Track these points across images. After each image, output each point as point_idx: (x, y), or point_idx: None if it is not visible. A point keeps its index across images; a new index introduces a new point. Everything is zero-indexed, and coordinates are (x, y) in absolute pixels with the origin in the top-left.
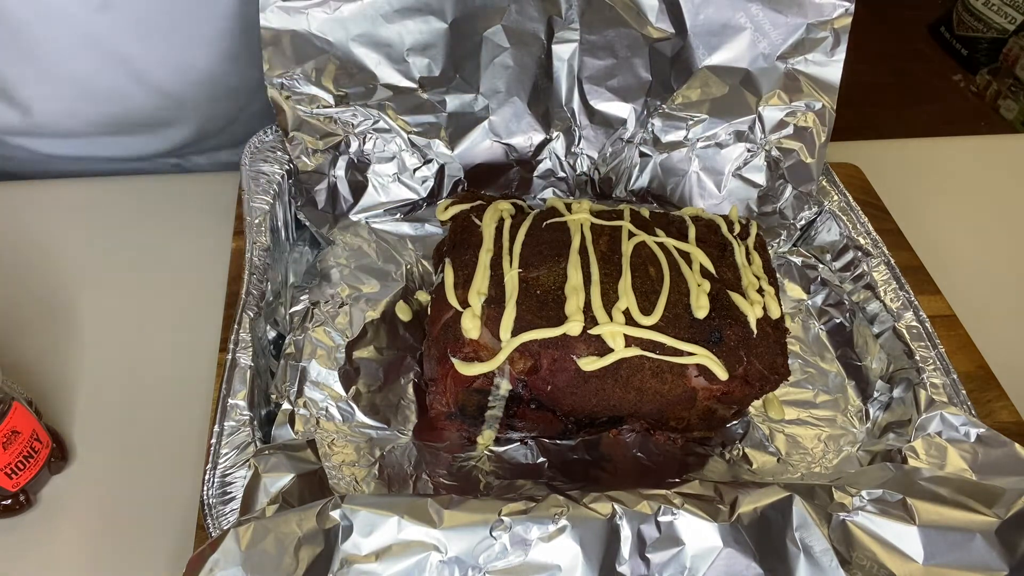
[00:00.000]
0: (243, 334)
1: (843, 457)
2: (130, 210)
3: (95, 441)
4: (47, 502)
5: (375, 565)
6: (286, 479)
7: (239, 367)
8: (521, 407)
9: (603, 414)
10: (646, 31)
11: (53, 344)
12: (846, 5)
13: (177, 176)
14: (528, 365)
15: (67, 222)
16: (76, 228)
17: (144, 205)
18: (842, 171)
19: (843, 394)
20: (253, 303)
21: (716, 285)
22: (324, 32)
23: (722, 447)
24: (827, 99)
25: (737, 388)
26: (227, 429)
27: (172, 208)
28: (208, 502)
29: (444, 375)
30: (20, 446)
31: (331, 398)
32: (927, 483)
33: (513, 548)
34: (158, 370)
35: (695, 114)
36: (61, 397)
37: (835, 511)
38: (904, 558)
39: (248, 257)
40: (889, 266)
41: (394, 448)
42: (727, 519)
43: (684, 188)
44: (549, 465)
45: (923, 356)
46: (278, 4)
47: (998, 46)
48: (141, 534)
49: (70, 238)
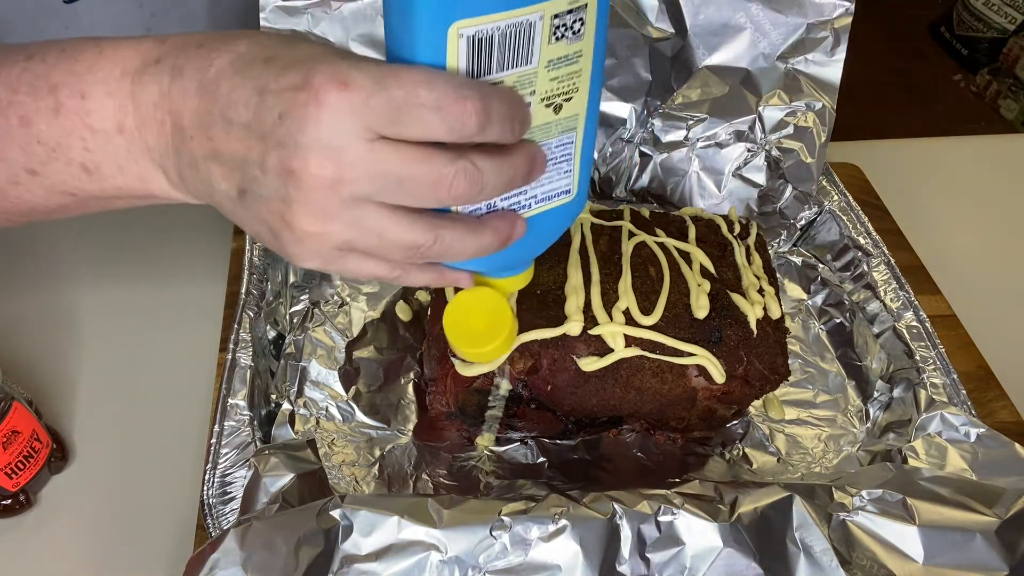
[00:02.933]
0: (243, 334)
1: (843, 457)
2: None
3: (95, 441)
4: (47, 502)
5: (375, 565)
6: (286, 479)
7: (239, 367)
8: (521, 407)
9: (603, 414)
10: (646, 31)
11: (53, 344)
12: (846, 5)
13: None
14: (528, 365)
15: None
16: (76, 228)
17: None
18: (842, 171)
19: (843, 394)
20: (253, 303)
21: (716, 285)
22: (324, 32)
23: (722, 447)
24: (827, 99)
25: (737, 388)
26: (227, 429)
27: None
28: (208, 502)
29: (444, 375)
30: (20, 446)
31: (331, 398)
32: (927, 483)
33: (513, 548)
34: (158, 370)
35: (695, 114)
36: (61, 397)
37: (835, 511)
38: (904, 558)
39: (248, 257)
40: (889, 266)
41: (394, 448)
42: (727, 519)
43: (684, 188)
44: (549, 465)
45: (923, 356)
46: (278, 4)
47: (998, 46)
48: (141, 534)
49: (70, 238)
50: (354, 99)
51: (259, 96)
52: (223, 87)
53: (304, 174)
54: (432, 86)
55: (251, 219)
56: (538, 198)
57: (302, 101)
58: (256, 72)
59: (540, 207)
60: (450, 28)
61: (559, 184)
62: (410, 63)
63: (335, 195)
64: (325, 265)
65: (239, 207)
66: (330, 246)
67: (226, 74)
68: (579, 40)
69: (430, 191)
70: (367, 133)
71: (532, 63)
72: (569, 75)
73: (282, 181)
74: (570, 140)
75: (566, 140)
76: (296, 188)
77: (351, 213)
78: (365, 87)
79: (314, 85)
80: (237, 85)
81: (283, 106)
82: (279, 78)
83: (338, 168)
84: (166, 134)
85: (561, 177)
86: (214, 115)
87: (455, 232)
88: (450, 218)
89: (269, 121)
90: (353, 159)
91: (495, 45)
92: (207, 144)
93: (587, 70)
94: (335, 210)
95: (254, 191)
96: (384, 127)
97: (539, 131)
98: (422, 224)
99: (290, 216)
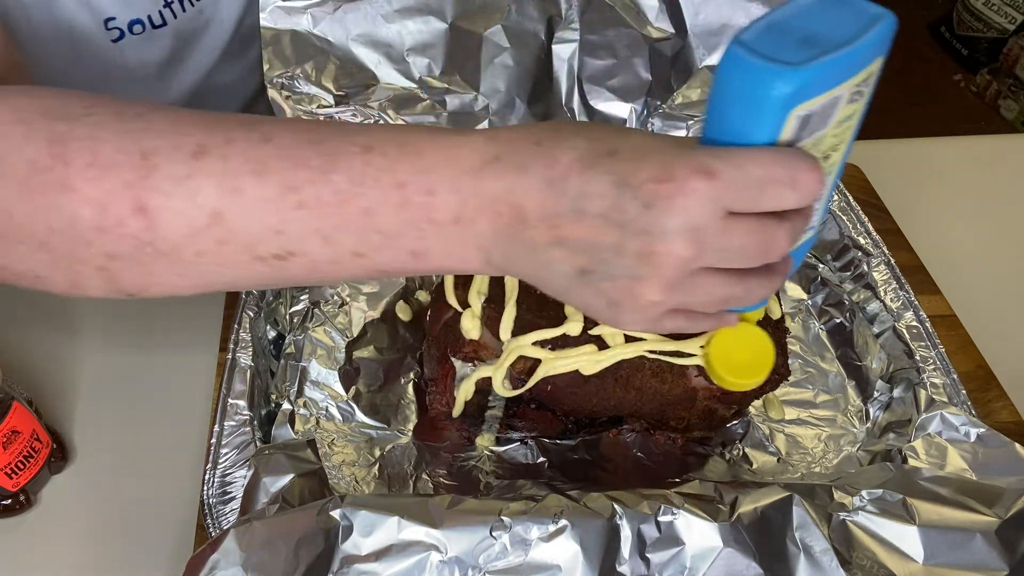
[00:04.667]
0: (243, 334)
1: (843, 457)
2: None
3: (95, 441)
4: (47, 502)
5: (375, 565)
6: (286, 479)
7: (239, 367)
8: (521, 407)
9: (603, 414)
10: (646, 31)
11: (53, 344)
12: None
13: None
14: (528, 365)
15: None
16: None
17: None
18: None
19: (843, 394)
20: (253, 303)
21: None
22: (324, 32)
23: (722, 447)
24: None
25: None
26: (227, 429)
27: None
28: (208, 502)
29: (444, 375)
30: (20, 446)
31: (331, 398)
32: (927, 483)
33: (513, 548)
34: (158, 370)
35: (695, 114)
36: (61, 397)
37: (835, 511)
38: (904, 558)
39: None
40: (889, 266)
41: (394, 448)
42: (727, 519)
43: None
44: (549, 465)
45: (923, 356)
46: (278, 4)
47: (998, 46)
48: (141, 534)
49: None
50: (719, 186)
51: (617, 189)
52: (572, 181)
53: (666, 255)
54: (784, 164)
55: (587, 294)
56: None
57: (667, 192)
58: (606, 167)
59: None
60: (791, 112)
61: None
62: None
63: (686, 270)
64: (647, 326)
65: (574, 284)
66: (664, 310)
67: (575, 169)
68: (861, 100)
69: (763, 255)
70: (723, 212)
71: (827, 127)
72: (844, 130)
73: (640, 263)
74: (830, 183)
75: (828, 183)
76: (654, 267)
77: (690, 281)
78: (728, 173)
79: (679, 177)
80: (589, 179)
81: (646, 197)
82: (636, 172)
83: (698, 248)
84: (502, 223)
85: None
86: (562, 206)
87: (760, 280)
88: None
89: (632, 211)
90: (709, 238)
91: (812, 119)
92: (551, 232)
93: (855, 123)
94: (680, 282)
95: (601, 272)
96: (741, 205)
97: None
98: (737, 278)
99: (639, 291)
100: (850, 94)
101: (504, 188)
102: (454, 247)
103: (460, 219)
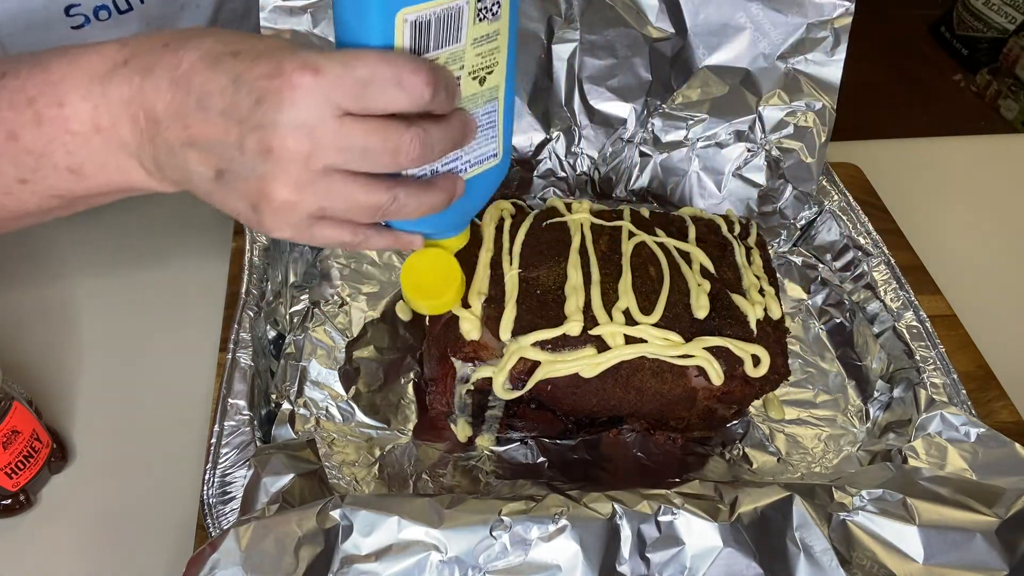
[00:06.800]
0: (243, 334)
1: (843, 457)
2: (130, 210)
3: (95, 441)
4: (47, 502)
5: (375, 565)
6: (286, 479)
7: (239, 367)
8: (521, 407)
9: (603, 414)
10: (646, 31)
11: (53, 344)
12: (846, 5)
13: None
14: (528, 365)
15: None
16: (77, 229)
17: (144, 204)
18: (842, 171)
19: (843, 394)
20: (253, 303)
21: (716, 285)
22: (324, 32)
23: (722, 447)
24: (827, 99)
25: (737, 388)
26: (227, 429)
27: (172, 208)
28: (208, 502)
29: (444, 375)
30: (20, 446)
31: (331, 398)
32: (927, 483)
33: (513, 548)
34: (158, 370)
35: (695, 114)
36: (61, 397)
37: (835, 511)
38: (904, 558)
39: (248, 257)
40: (889, 266)
41: (394, 448)
42: (727, 519)
43: (684, 188)
44: (549, 465)
45: (923, 356)
46: (278, 3)
47: (998, 46)
48: (141, 534)
49: (71, 238)
50: (324, 81)
51: (234, 85)
52: (195, 80)
53: (282, 151)
54: (391, 64)
55: (228, 197)
56: (471, 162)
57: (276, 87)
58: (227, 65)
59: (474, 170)
60: (397, 15)
61: (487, 148)
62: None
63: (308, 168)
64: (297, 234)
65: (216, 187)
66: (303, 215)
67: (197, 68)
68: (497, 20)
69: (391, 157)
70: (336, 111)
71: (461, 42)
72: (490, 51)
73: (261, 159)
74: (493, 108)
75: (490, 109)
76: (274, 164)
77: (322, 182)
78: (333, 69)
79: (286, 71)
80: (210, 78)
81: (259, 92)
82: (251, 68)
83: (312, 143)
84: (140, 127)
85: (489, 142)
86: (188, 105)
87: (409, 191)
88: (403, 180)
89: (246, 106)
90: (324, 134)
91: (432, 27)
92: (183, 132)
93: (504, 46)
94: (308, 181)
95: (232, 171)
96: (351, 103)
97: (468, 101)
98: (381, 186)
99: (268, 189)
100: (475, 9)
101: (132, 91)
102: (107, 158)
103: (100, 128)
